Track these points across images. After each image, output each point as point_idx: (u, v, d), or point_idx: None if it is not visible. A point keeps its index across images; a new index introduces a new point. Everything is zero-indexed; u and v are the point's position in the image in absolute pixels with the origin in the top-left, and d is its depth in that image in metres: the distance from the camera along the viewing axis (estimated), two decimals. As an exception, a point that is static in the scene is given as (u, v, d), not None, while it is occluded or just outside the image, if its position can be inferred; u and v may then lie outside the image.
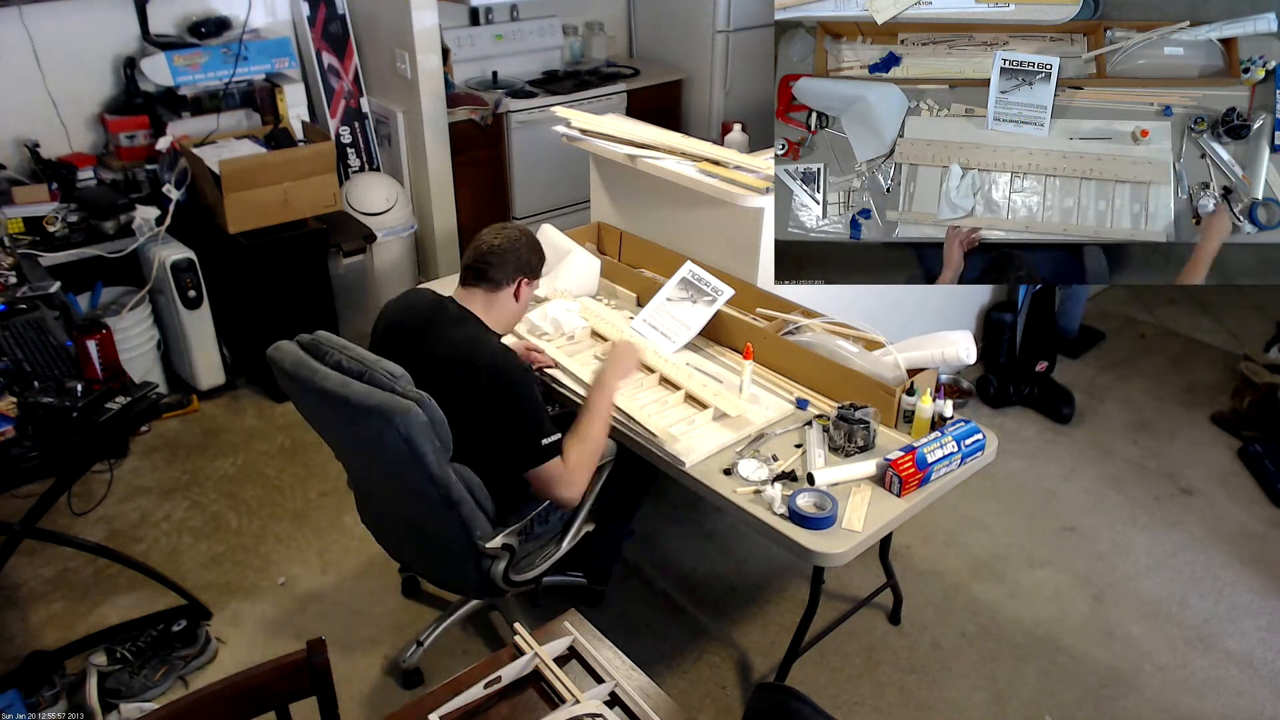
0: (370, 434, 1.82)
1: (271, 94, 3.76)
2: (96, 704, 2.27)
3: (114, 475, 3.12)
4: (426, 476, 1.83)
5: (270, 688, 1.38)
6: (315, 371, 1.84)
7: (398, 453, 1.79)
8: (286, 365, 1.89)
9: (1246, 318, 4.19)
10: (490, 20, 4.44)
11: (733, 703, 2.37)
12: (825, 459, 2.10)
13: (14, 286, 2.61)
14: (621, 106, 4.43)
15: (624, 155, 2.84)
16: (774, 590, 2.71)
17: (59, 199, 3.26)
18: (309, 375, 1.85)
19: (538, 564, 2.15)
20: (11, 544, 2.31)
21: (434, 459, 1.81)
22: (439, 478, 1.84)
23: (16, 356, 2.29)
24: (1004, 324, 3.70)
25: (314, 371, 1.85)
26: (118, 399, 2.17)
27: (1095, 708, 2.37)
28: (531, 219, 4.36)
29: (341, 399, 1.79)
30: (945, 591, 2.71)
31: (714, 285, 2.55)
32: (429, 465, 1.81)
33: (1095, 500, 3.10)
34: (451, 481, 1.87)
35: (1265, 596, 2.71)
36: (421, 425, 1.75)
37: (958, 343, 2.23)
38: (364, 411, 1.77)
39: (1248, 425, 3.40)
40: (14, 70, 3.32)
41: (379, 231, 3.75)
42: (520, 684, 1.46)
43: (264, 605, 2.65)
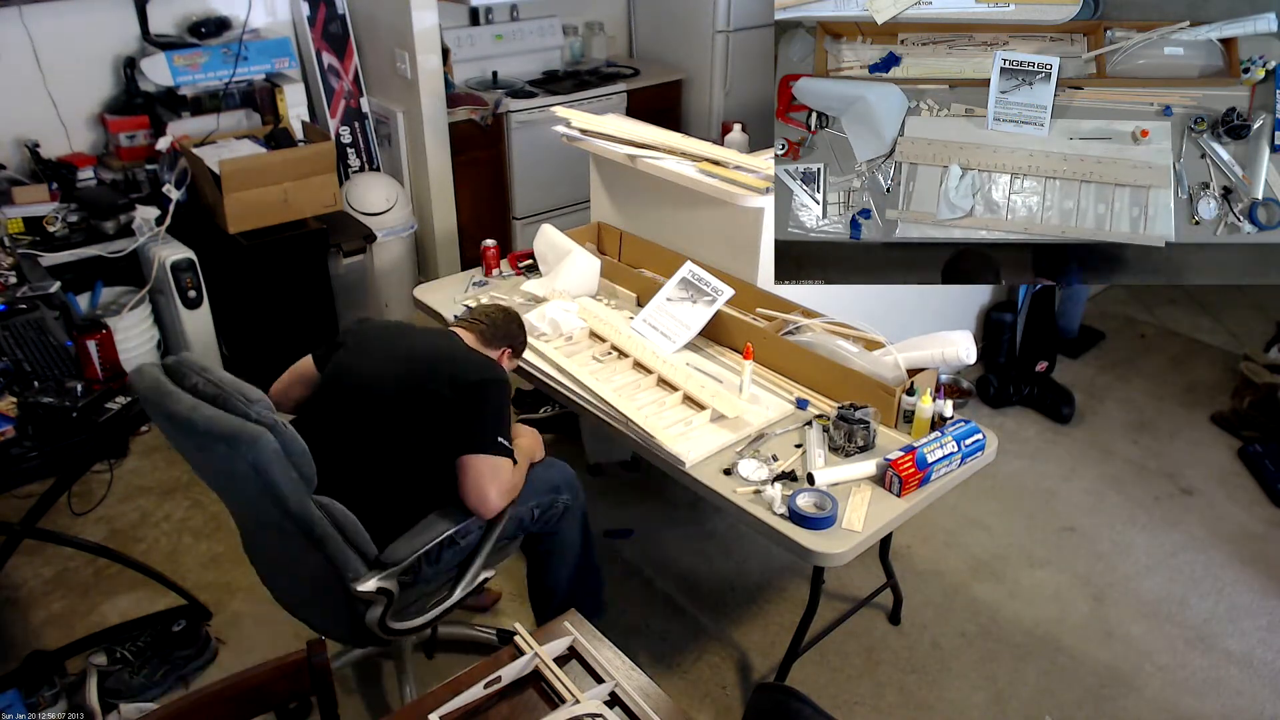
0: (223, 462, 1.70)
1: (271, 94, 3.76)
2: (96, 704, 2.27)
3: (114, 475, 3.12)
4: (282, 511, 1.69)
5: (270, 688, 1.38)
6: (168, 395, 1.70)
7: (250, 483, 1.66)
8: (143, 388, 1.76)
9: (1246, 318, 4.19)
10: (490, 20, 4.44)
11: (733, 703, 2.37)
12: (825, 459, 2.10)
13: (14, 286, 2.61)
14: (621, 106, 4.43)
15: (624, 155, 2.84)
16: (774, 590, 2.71)
17: (59, 199, 3.26)
18: (161, 399, 1.71)
19: (427, 610, 1.96)
20: (11, 544, 2.31)
21: (289, 490, 1.67)
22: (296, 512, 1.70)
23: (16, 356, 2.29)
24: (1004, 324, 3.70)
25: (166, 395, 1.70)
26: (118, 399, 2.17)
27: (1095, 708, 2.37)
28: (531, 219, 4.36)
29: (189, 423, 1.65)
30: (945, 591, 2.71)
31: (714, 285, 2.55)
32: (284, 498, 1.67)
33: (1095, 500, 3.10)
34: (314, 517, 1.72)
35: (1265, 596, 2.71)
36: (273, 453, 1.63)
37: (958, 343, 2.23)
38: (212, 438, 1.64)
39: (1248, 425, 3.40)
40: (14, 70, 3.32)
41: (379, 231, 3.75)
42: (520, 684, 1.46)
43: (264, 605, 2.65)
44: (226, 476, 1.81)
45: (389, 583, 1.84)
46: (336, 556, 1.78)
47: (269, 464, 1.63)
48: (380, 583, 1.82)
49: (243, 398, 1.67)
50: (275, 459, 1.64)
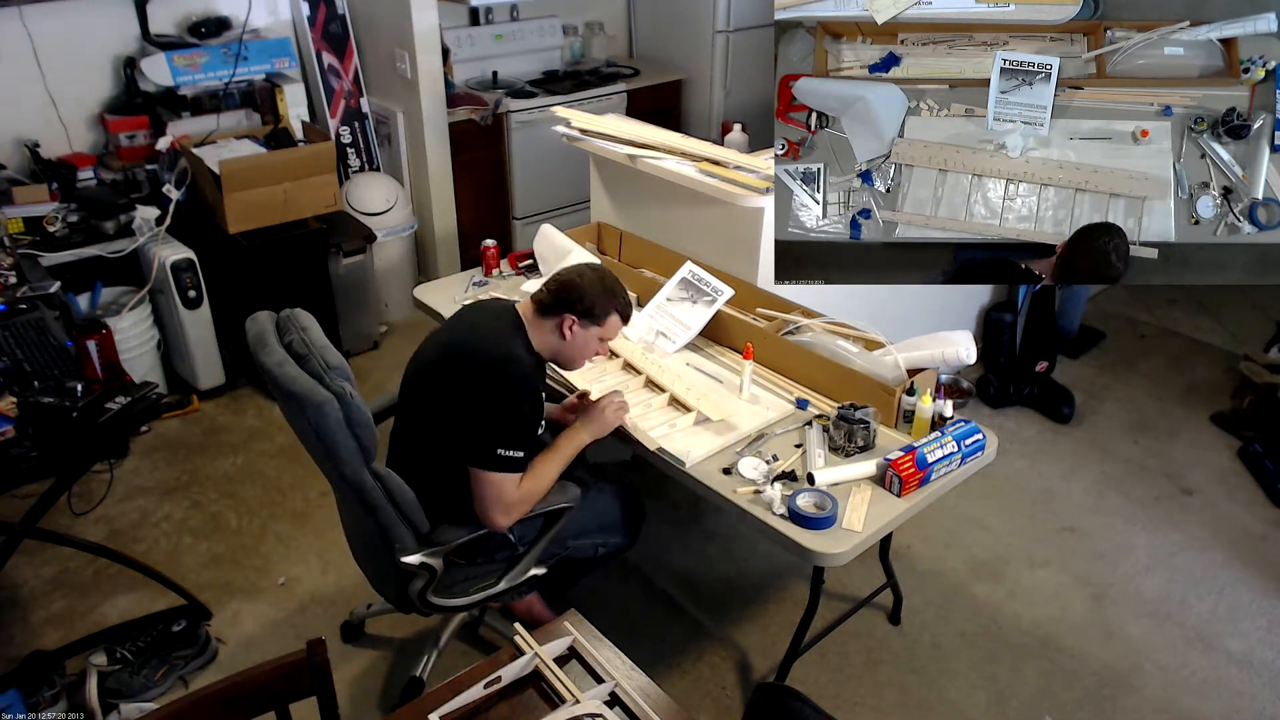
0: (293, 417, 1.84)
1: (271, 94, 3.76)
2: (96, 704, 2.27)
3: (114, 475, 3.12)
4: (339, 474, 1.80)
5: (270, 688, 1.38)
6: (265, 346, 1.84)
7: (314, 443, 1.79)
8: (251, 336, 1.90)
9: (1246, 318, 4.19)
10: (490, 20, 4.44)
11: (733, 703, 2.37)
12: (825, 459, 2.10)
13: (14, 286, 2.61)
14: (621, 106, 4.44)
15: (624, 155, 2.84)
16: (774, 590, 2.71)
17: (59, 199, 3.26)
18: (260, 349, 1.85)
19: (470, 592, 2.05)
20: (11, 544, 2.31)
21: (346, 458, 1.77)
22: (351, 479, 1.80)
23: (16, 356, 2.29)
24: (1004, 324, 3.70)
25: (264, 346, 1.85)
26: (118, 399, 2.17)
27: (1095, 708, 2.36)
28: (531, 219, 4.35)
29: (273, 377, 1.79)
30: (945, 591, 2.71)
31: (714, 285, 2.55)
32: (340, 463, 1.77)
33: (1095, 500, 3.10)
34: (367, 486, 1.81)
35: (1265, 596, 2.71)
36: (334, 421, 1.71)
37: (958, 343, 2.22)
38: (286, 395, 1.76)
39: (1248, 425, 3.40)
40: (14, 70, 3.32)
41: (379, 231, 3.75)
42: (520, 684, 1.46)
43: (264, 605, 2.65)
44: (300, 431, 1.89)
45: (434, 560, 1.94)
46: (388, 527, 1.89)
47: (331, 429, 1.73)
48: (425, 559, 1.92)
49: (324, 362, 1.78)
50: (337, 426, 1.73)
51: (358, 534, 2.15)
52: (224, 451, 3.30)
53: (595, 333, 2.06)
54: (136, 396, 2.19)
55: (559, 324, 2.02)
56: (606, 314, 2.04)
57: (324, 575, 2.75)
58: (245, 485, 3.13)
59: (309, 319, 1.93)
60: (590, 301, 2.01)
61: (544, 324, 2.03)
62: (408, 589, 1.97)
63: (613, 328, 2.08)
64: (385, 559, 1.95)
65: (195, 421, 3.47)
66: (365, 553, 2.16)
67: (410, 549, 1.91)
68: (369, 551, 2.11)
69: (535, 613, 2.45)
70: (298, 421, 1.81)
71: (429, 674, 2.31)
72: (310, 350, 1.81)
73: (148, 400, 2.21)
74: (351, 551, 2.26)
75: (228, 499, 3.06)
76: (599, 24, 4.82)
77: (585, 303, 2.01)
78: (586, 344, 2.07)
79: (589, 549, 2.22)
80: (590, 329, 2.04)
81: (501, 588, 2.06)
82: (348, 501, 1.98)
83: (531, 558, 2.08)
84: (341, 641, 2.52)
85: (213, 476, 3.17)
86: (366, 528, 1.95)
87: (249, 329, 1.92)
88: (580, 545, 2.19)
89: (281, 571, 2.77)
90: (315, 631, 2.48)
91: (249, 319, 1.95)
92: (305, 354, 1.81)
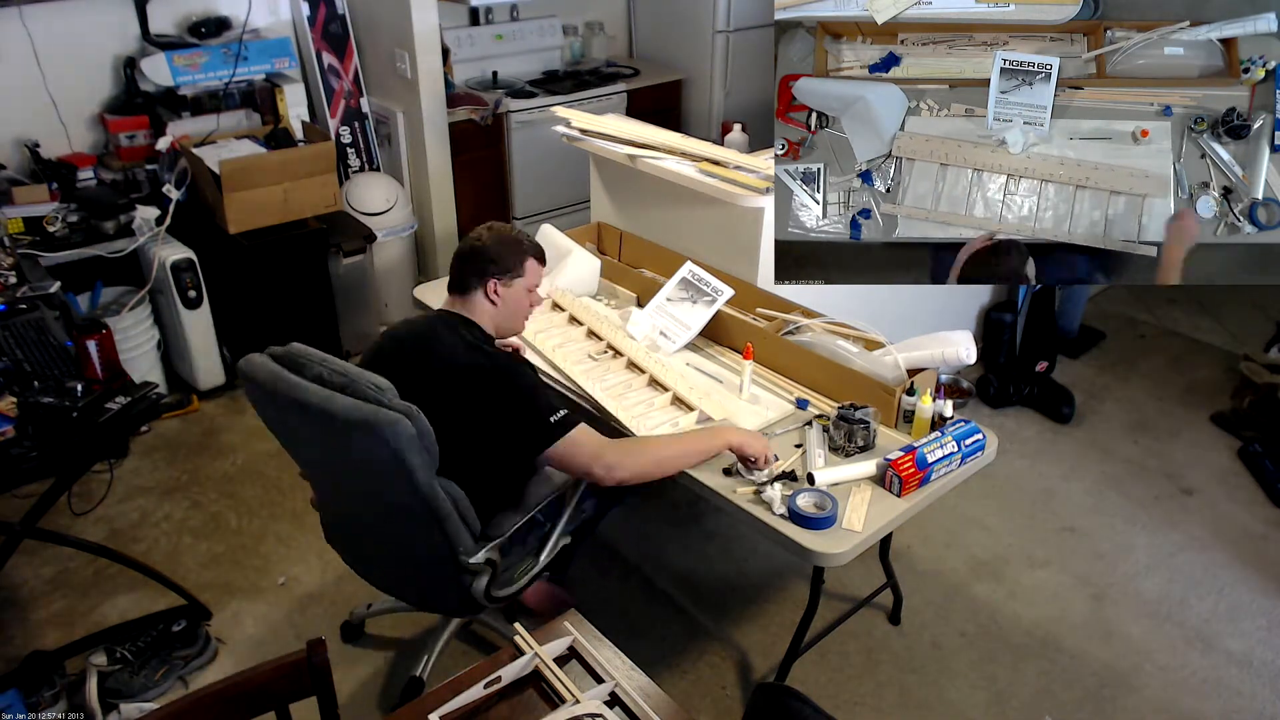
0: (355, 449, 1.77)
1: (271, 94, 3.76)
2: (96, 704, 2.27)
3: (114, 475, 3.12)
4: (412, 491, 1.78)
5: (270, 688, 1.38)
6: (295, 386, 1.76)
7: (383, 467, 1.74)
8: (261, 378, 1.81)
9: (1246, 318, 4.19)
10: (490, 20, 4.44)
11: (733, 703, 2.37)
12: (825, 459, 2.10)
13: (14, 286, 2.61)
14: (621, 106, 4.44)
15: (624, 155, 2.84)
16: (774, 590, 2.71)
17: (59, 199, 3.26)
18: (288, 390, 1.77)
19: (517, 578, 2.09)
20: (11, 544, 2.31)
21: (422, 473, 1.77)
22: (426, 492, 1.80)
23: (16, 356, 2.29)
24: (1004, 324, 3.70)
25: (294, 386, 1.76)
26: (118, 399, 2.17)
27: (1095, 708, 2.36)
28: (531, 219, 4.35)
29: (326, 414, 1.72)
30: (945, 591, 2.71)
31: (714, 285, 2.55)
32: (417, 479, 1.76)
33: (1095, 500, 3.10)
34: (439, 496, 1.82)
35: (1265, 596, 2.71)
36: (410, 438, 1.71)
37: (958, 343, 2.22)
38: (350, 425, 1.70)
39: (1248, 425, 3.40)
40: (14, 70, 3.32)
41: (379, 231, 3.75)
42: (520, 684, 1.46)
43: (264, 605, 2.65)
44: (353, 462, 1.86)
45: (494, 554, 1.98)
46: (454, 533, 1.90)
47: (407, 448, 1.71)
48: (488, 554, 1.97)
49: (374, 386, 1.75)
50: (412, 443, 1.72)
51: (397, 557, 2.10)
52: (224, 451, 3.30)
53: (520, 285, 2.08)
54: (136, 396, 2.19)
55: (485, 293, 2.05)
56: (522, 262, 2.07)
57: (324, 575, 2.75)
58: (245, 485, 3.13)
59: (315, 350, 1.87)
60: (500, 256, 2.04)
61: (473, 302, 2.06)
62: (470, 591, 1.98)
63: (534, 273, 2.11)
64: (444, 569, 1.96)
65: (195, 421, 3.47)
66: (410, 573, 2.12)
67: (471, 549, 1.94)
68: (419, 569, 2.08)
69: (543, 593, 2.50)
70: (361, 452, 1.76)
71: (429, 674, 2.31)
72: (349, 377, 1.77)
73: (148, 400, 2.21)
74: (377, 583, 2.19)
75: (228, 499, 3.06)
76: (599, 24, 4.82)
77: (498, 261, 2.04)
78: (519, 300, 2.10)
79: (592, 509, 2.25)
80: (514, 284, 2.07)
81: (542, 563, 2.12)
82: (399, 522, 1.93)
83: (561, 531, 2.13)
84: (342, 642, 2.52)
85: (213, 476, 3.17)
86: (422, 543, 1.94)
87: (253, 373, 1.84)
88: (590, 504, 2.23)
89: (281, 571, 2.77)
90: (315, 631, 2.49)
91: (242, 362, 1.86)
92: (346, 382, 1.76)
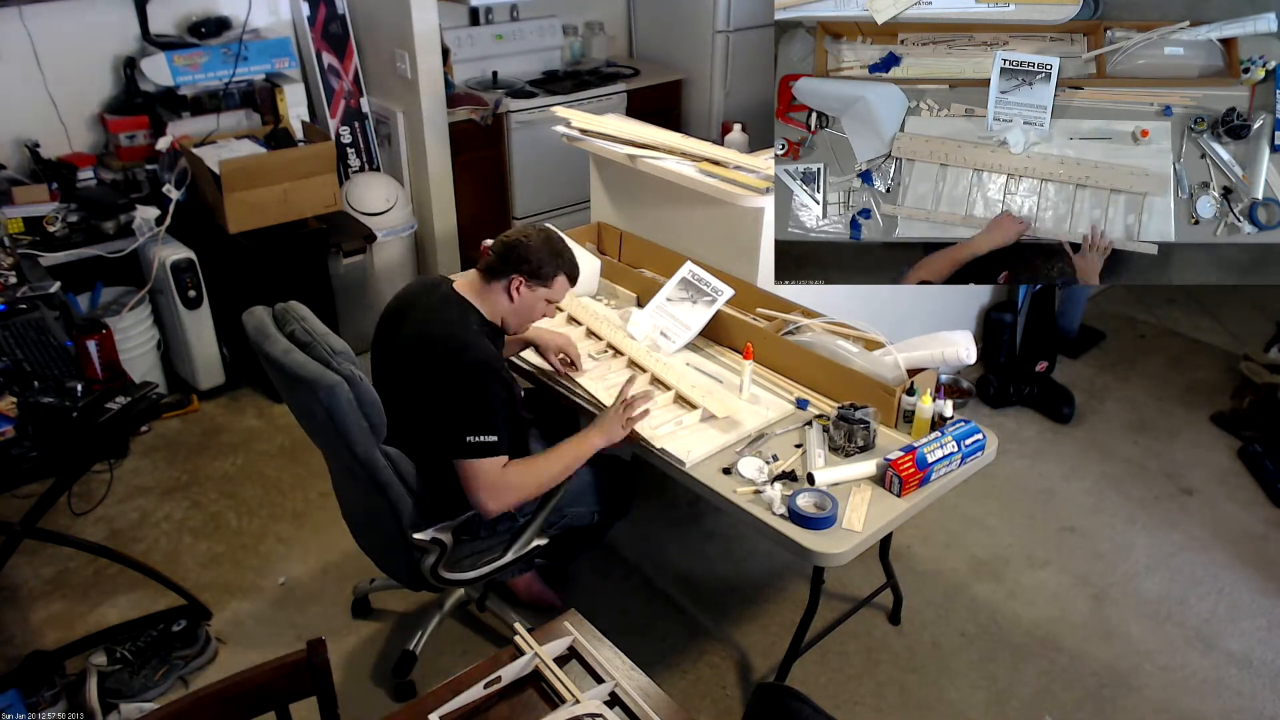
0: (304, 405, 1.88)
1: (271, 94, 3.76)
2: (96, 704, 2.27)
3: (114, 475, 3.12)
4: (351, 455, 1.87)
5: (270, 688, 1.38)
6: (268, 337, 1.90)
7: (326, 426, 1.84)
8: (250, 328, 1.96)
9: (1246, 318, 4.19)
10: (490, 20, 4.44)
11: (733, 703, 2.37)
12: (825, 459, 2.10)
13: (14, 286, 2.61)
14: (621, 106, 4.43)
15: (624, 155, 2.84)
16: (774, 590, 2.71)
17: (59, 199, 3.26)
18: (262, 340, 1.91)
19: (477, 565, 2.08)
20: (11, 544, 2.31)
21: (358, 438, 1.84)
22: (363, 458, 1.88)
23: (16, 356, 2.29)
24: (1004, 324, 3.70)
25: (267, 337, 1.90)
26: (118, 399, 2.17)
27: (1095, 708, 2.37)
28: (531, 219, 4.36)
29: (279, 366, 1.84)
30: (945, 591, 2.71)
31: (714, 285, 2.55)
32: (352, 443, 1.85)
33: (1095, 500, 3.10)
34: (378, 464, 1.90)
35: (1265, 596, 2.71)
36: (346, 402, 1.79)
37: (958, 343, 2.23)
38: (295, 380, 1.81)
39: (1248, 425, 3.40)
40: (14, 70, 3.32)
41: (379, 231, 3.75)
42: (520, 684, 1.46)
43: (264, 605, 2.65)
44: (308, 417, 1.97)
45: (444, 535, 1.98)
46: (398, 504, 1.96)
47: (343, 411, 1.80)
48: (435, 534, 1.97)
49: (328, 348, 1.83)
50: (349, 408, 1.81)
51: (363, 516, 2.20)
52: (224, 451, 3.30)
53: (542, 294, 2.07)
54: (136, 396, 2.19)
55: (507, 285, 2.04)
56: (554, 275, 2.07)
57: (324, 575, 2.75)
58: (245, 485, 3.13)
59: (305, 310, 1.99)
60: (538, 262, 2.03)
61: (491, 288, 2.06)
62: (419, 566, 2.01)
63: (560, 289, 2.10)
64: (395, 538, 2.02)
65: (195, 421, 3.47)
66: (371, 534, 2.22)
67: (420, 526, 1.97)
68: (376, 532, 2.17)
69: (535, 592, 2.49)
70: (307, 407, 1.87)
71: (422, 649, 2.36)
72: (313, 337, 1.87)
73: (148, 400, 2.21)
74: (354, 535, 2.31)
75: (228, 499, 3.06)
76: (599, 24, 4.82)
77: (533, 263, 2.03)
78: (534, 306, 2.09)
79: (585, 516, 2.25)
80: (537, 289, 2.06)
81: (508, 559, 2.10)
82: (356, 483, 2.02)
83: (534, 528, 2.12)
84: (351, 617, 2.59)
85: (213, 476, 3.17)
86: (375, 507, 2.00)
87: (247, 322, 1.98)
88: (577, 513, 2.23)
89: (281, 571, 2.77)
90: (315, 631, 2.48)
91: (245, 313, 2.01)
92: (309, 341, 1.87)
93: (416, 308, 2.07)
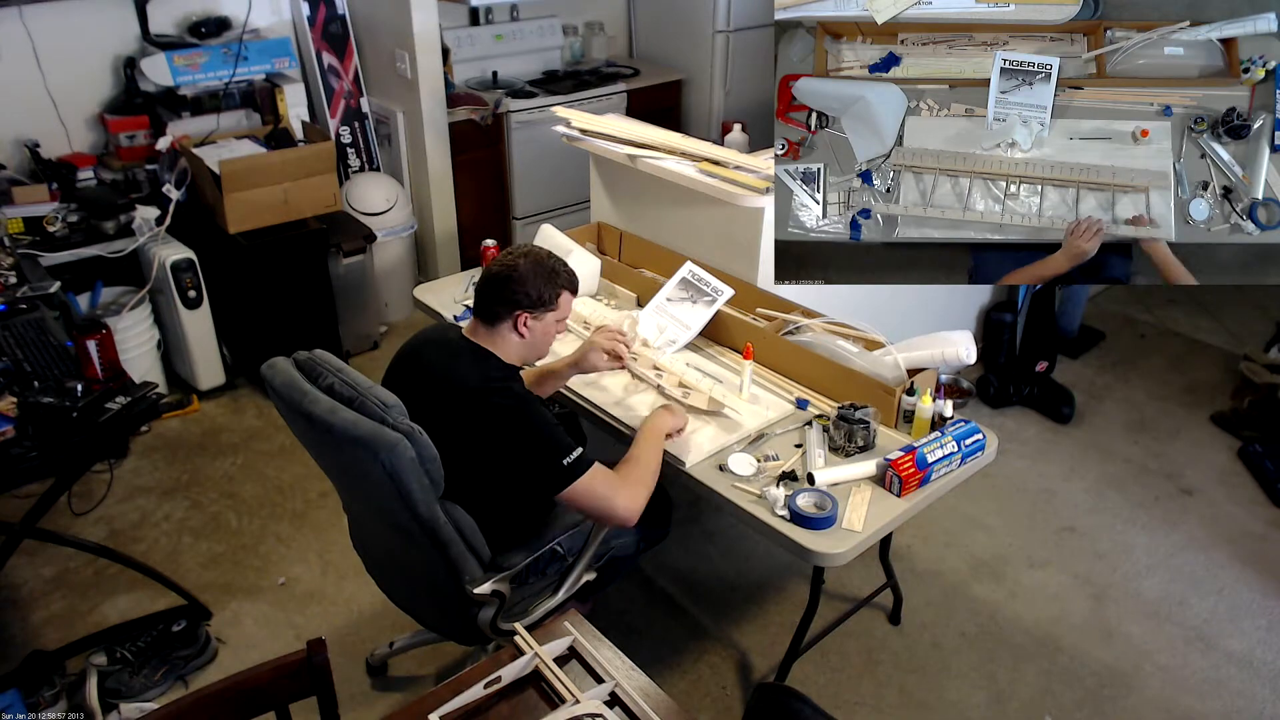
0: (355, 464, 1.73)
1: (271, 94, 3.76)
2: (96, 704, 2.27)
3: (114, 475, 3.12)
4: (411, 514, 1.73)
5: (270, 688, 1.38)
6: (305, 394, 1.74)
7: (383, 487, 1.70)
8: (277, 384, 1.80)
9: (1246, 318, 4.19)
10: (490, 20, 4.44)
11: (733, 703, 2.37)
12: (825, 459, 2.10)
13: (14, 286, 2.61)
14: (621, 106, 4.44)
15: (624, 155, 2.84)
16: (774, 590, 2.71)
17: (59, 199, 3.26)
18: (298, 398, 1.75)
19: (531, 611, 2.01)
20: (11, 544, 2.31)
21: (420, 496, 1.71)
22: (425, 517, 1.74)
23: (16, 356, 2.29)
24: (1004, 324, 3.70)
25: (304, 394, 1.74)
26: (118, 399, 2.17)
27: (1095, 708, 2.37)
28: (531, 219, 4.36)
29: (326, 425, 1.69)
30: (945, 591, 2.71)
31: (714, 285, 2.55)
32: (414, 503, 1.71)
33: (1095, 500, 3.10)
34: (439, 521, 1.77)
35: (1265, 596, 2.71)
36: (409, 461, 1.66)
37: (958, 343, 2.22)
38: (349, 441, 1.66)
39: (1248, 425, 3.40)
40: (14, 70, 3.32)
41: (379, 231, 3.75)
42: (520, 684, 1.46)
43: (264, 605, 2.65)
44: (357, 477, 1.83)
45: (503, 585, 1.90)
46: (457, 560, 1.83)
47: (404, 470, 1.66)
48: (495, 585, 1.88)
49: (380, 403, 1.69)
50: (410, 466, 1.67)
51: (408, 576, 2.08)
52: (224, 451, 3.30)
53: (551, 317, 1.97)
54: (136, 396, 2.19)
55: (514, 325, 1.92)
56: (556, 296, 1.96)
57: (324, 575, 2.75)
58: (245, 485, 3.13)
59: (335, 358, 1.84)
60: (536, 292, 1.91)
61: (499, 333, 1.93)
62: (476, 620, 1.93)
63: (566, 306, 2.00)
64: (448, 595, 1.90)
65: (195, 421, 3.47)
66: (417, 592, 2.09)
67: (478, 579, 1.86)
68: (426, 592, 2.05)
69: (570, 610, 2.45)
70: (358, 468, 1.73)
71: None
72: (359, 391, 1.72)
73: (148, 400, 2.21)
74: (386, 590, 2.19)
75: (228, 499, 3.06)
76: (599, 24, 4.82)
77: (532, 295, 1.91)
78: (547, 332, 1.99)
79: (630, 545, 2.18)
80: (545, 316, 1.95)
81: (560, 598, 2.03)
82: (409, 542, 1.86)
83: (583, 566, 2.05)
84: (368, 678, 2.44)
85: (213, 476, 3.17)
86: (426, 567, 1.89)
87: (270, 377, 1.82)
88: (624, 543, 2.16)
89: (281, 571, 2.77)
90: (315, 631, 2.49)
91: (265, 366, 1.84)
92: (353, 395, 1.72)
93: (440, 360, 1.95)
